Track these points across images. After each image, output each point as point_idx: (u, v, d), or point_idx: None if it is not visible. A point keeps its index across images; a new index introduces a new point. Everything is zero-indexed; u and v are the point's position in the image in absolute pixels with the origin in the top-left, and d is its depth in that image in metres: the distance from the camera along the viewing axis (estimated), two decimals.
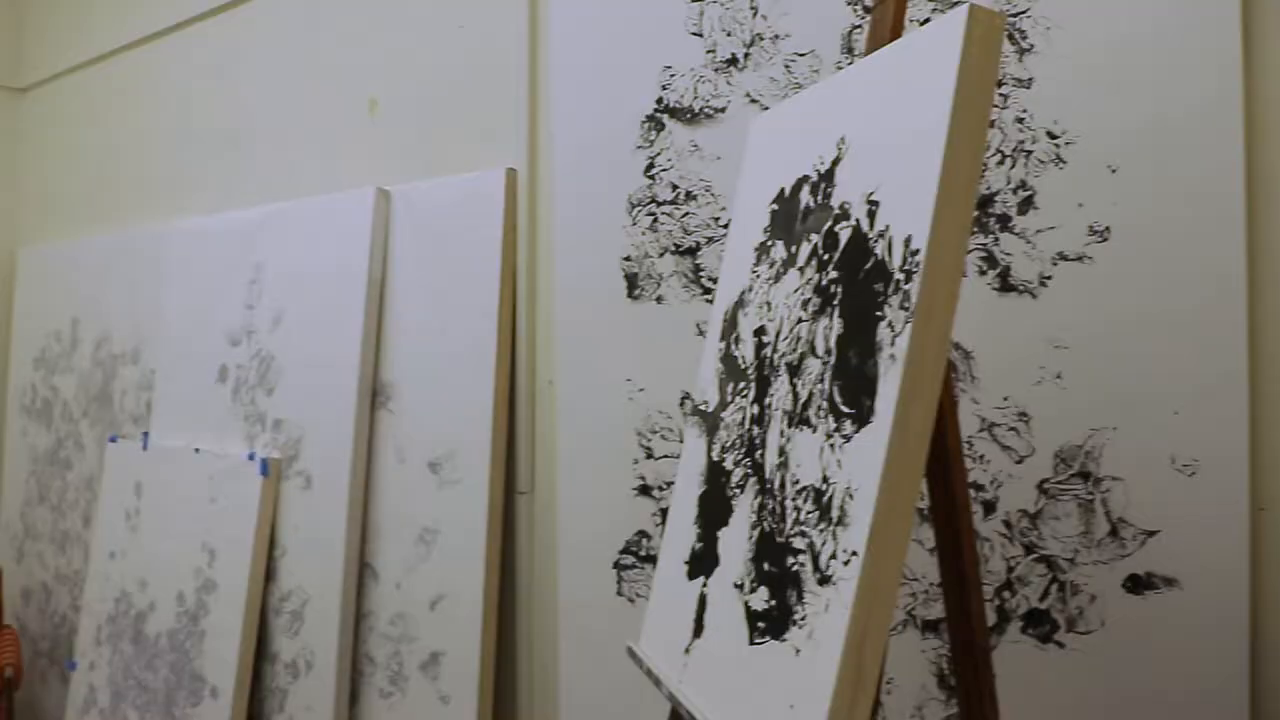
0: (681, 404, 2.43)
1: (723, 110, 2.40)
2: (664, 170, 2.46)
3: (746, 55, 2.37)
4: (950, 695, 2.15)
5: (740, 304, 1.81)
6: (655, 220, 2.47)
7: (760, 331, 1.70)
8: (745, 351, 1.75)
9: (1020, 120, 2.09)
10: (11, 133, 5.05)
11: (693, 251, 2.42)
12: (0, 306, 5.01)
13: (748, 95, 2.36)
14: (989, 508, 2.10)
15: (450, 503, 2.73)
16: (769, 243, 1.75)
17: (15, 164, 5.07)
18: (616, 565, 2.50)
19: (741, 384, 1.73)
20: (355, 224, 2.99)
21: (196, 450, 3.38)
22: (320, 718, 2.96)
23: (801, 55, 2.31)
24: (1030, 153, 2.08)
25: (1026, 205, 2.08)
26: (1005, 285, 2.09)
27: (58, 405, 4.45)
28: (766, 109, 2.32)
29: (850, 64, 2.20)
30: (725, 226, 2.39)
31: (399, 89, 3.09)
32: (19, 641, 4.30)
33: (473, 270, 2.74)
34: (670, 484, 2.44)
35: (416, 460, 2.82)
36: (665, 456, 2.45)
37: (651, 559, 2.46)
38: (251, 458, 3.14)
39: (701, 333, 2.40)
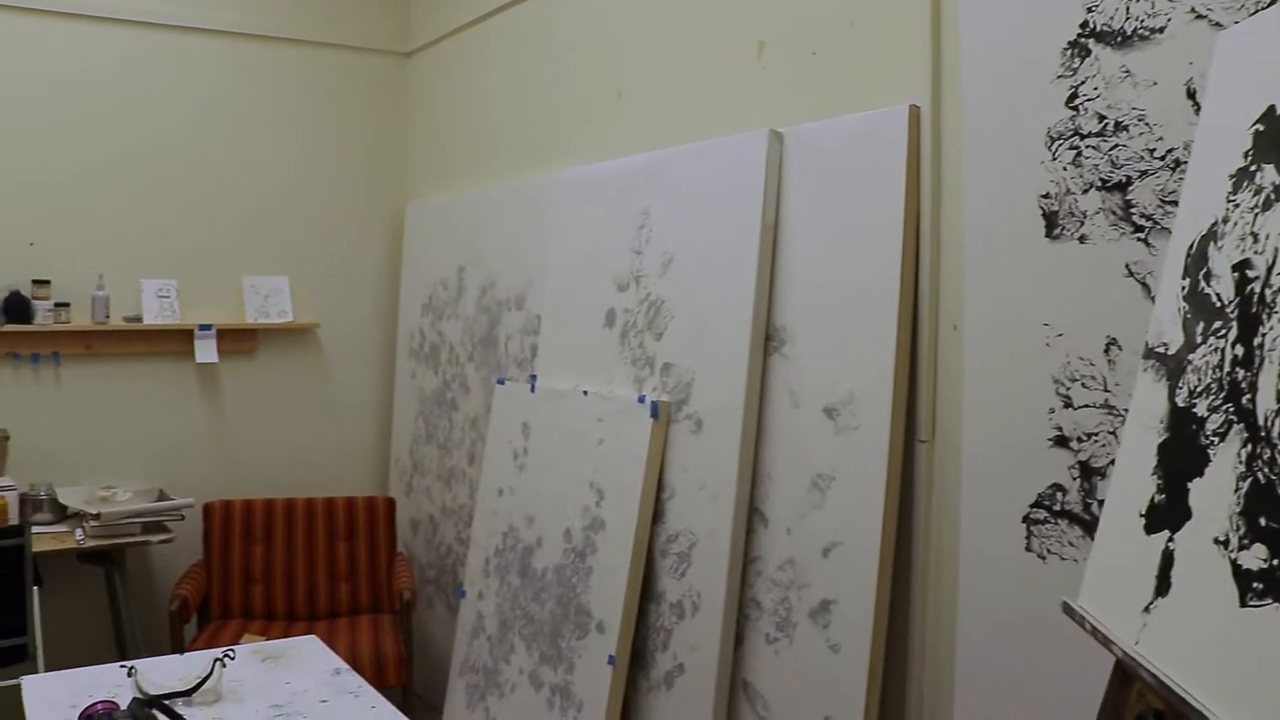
0: (1106, 350, 2.27)
1: (1160, 30, 2.20)
2: (1089, 100, 2.29)
3: None
4: None
5: (1211, 236, 1.65)
6: (1078, 154, 2.31)
7: (1244, 265, 1.54)
8: (1222, 288, 1.59)
9: None
10: (400, 95, 5.36)
11: (1122, 187, 2.25)
12: (390, 257, 5.35)
13: (1193, 11, 2.15)
14: None
15: (846, 449, 2.68)
16: (1252, 168, 1.58)
17: (404, 124, 5.37)
18: (1026, 520, 2.37)
19: (1217, 323, 1.58)
20: (747, 167, 2.96)
21: (585, 393, 3.47)
22: (705, 658, 2.98)
23: None
24: None
25: None
26: None
27: (444, 349, 4.70)
28: (1220, 26, 2.11)
29: None
30: (1162, 159, 2.20)
31: (789, 29, 3.04)
32: (411, 568, 4.60)
33: (872, 211, 2.66)
34: (1091, 435, 2.29)
35: (811, 405, 2.78)
36: (1087, 406, 2.29)
37: (1067, 514, 2.32)
38: (641, 400, 3.19)
39: (1132, 274, 2.22)
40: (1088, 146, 2.29)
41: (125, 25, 4.76)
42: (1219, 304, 1.58)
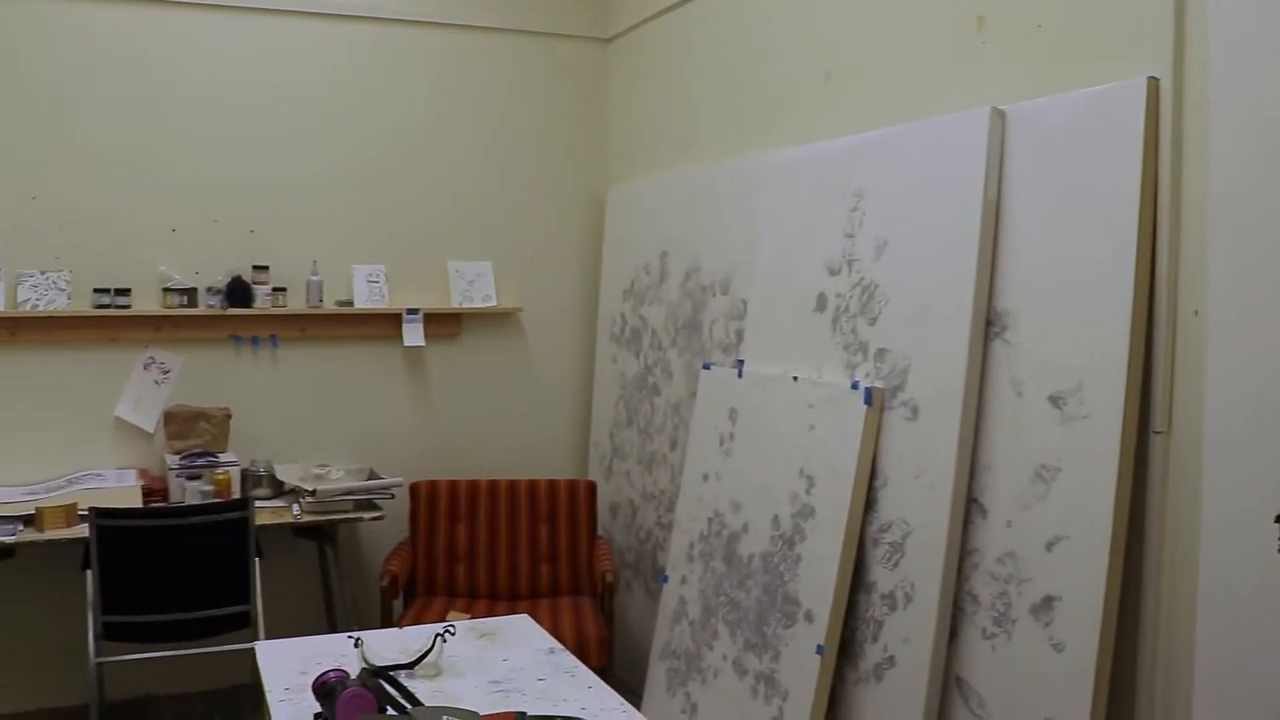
0: None
1: None
2: None
3: None
4: None
5: None
6: None
7: None
8: None
9: None
10: (600, 81, 5.40)
11: None
12: (591, 242, 5.39)
13: None
14: None
15: (1074, 439, 2.56)
16: None
17: (604, 110, 5.41)
18: None
19: None
20: (967, 146, 2.86)
21: (794, 378, 3.42)
22: (917, 652, 2.91)
23: None
24: None
25: None
26: None
27: (646, 334, 4.71)
28: None
29: None
30: None
31: (1011, 3, 2.92)
32: (612, 551, 4.63)
33: (1103, 190, 2.53)
34: None
35: (1035, 393, 2.67)
36: None
37: None
38: (855, 386, 3.13)
39: None
40: None
41: (339, 20, 4.92)
42: None
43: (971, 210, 2.82)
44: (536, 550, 4.70)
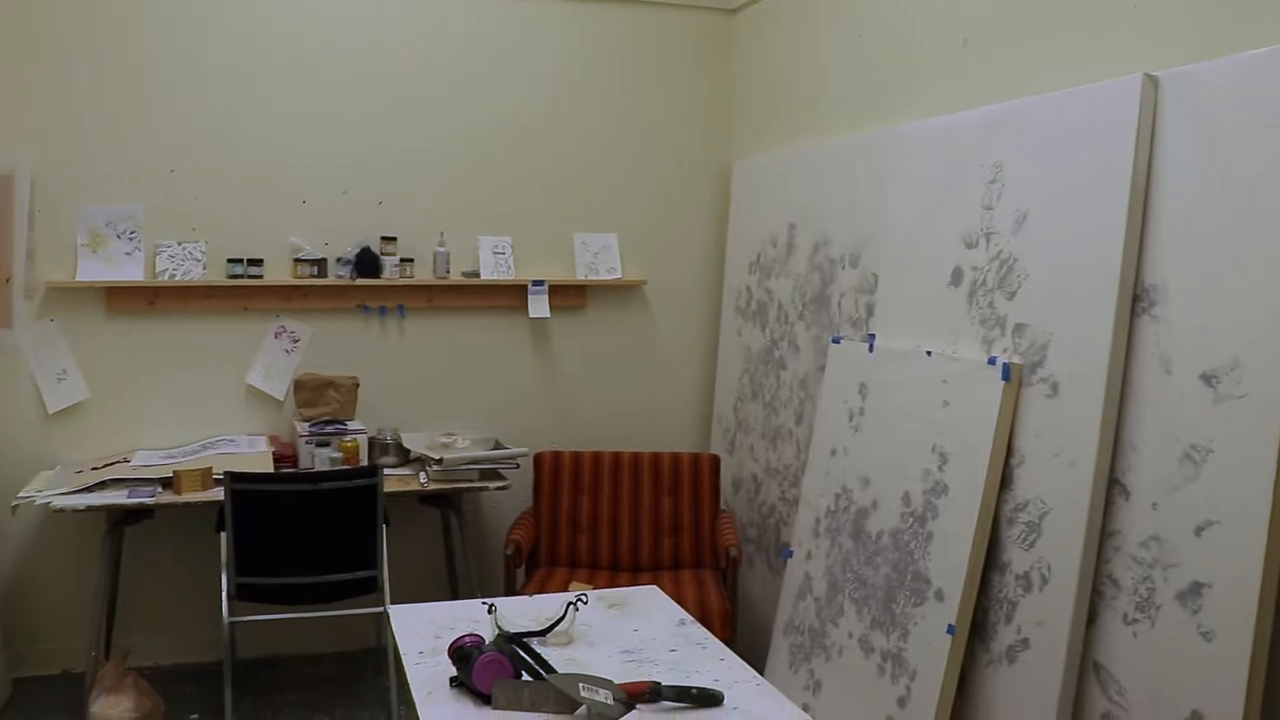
0: None
1: None
2: None
3: None
4: None
5: None
6: None
7: None
8: None
9: None
10: (725, 52, 5.34)
11: None
12: (716, 215, 5.35)
13: None
14: None
15: (1228, 419, 2.45)
16: None
17: (730, 82, 5.35)
18: None
19: None
20: (1118, 114, 2.75)
21: (928, 353, 3.35)
22: (1053, 635, 2.83)
23: None
24: None
25: None
26: None
27: (773, 307, 4.66)
28: None
29: None
30: None
31: None
32: (735, 525, 4.61)
33: (1267, 159, 2.41)
34: None
35: (1186, 371, 2.56)
36: None
37: None
38: (992, 362, 3.05)
39: None
40: None
41: None
42: None
43: (1120, 180, 2.72)
44: (659, 523, 4.70)
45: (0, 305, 4.49)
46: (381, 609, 4.21)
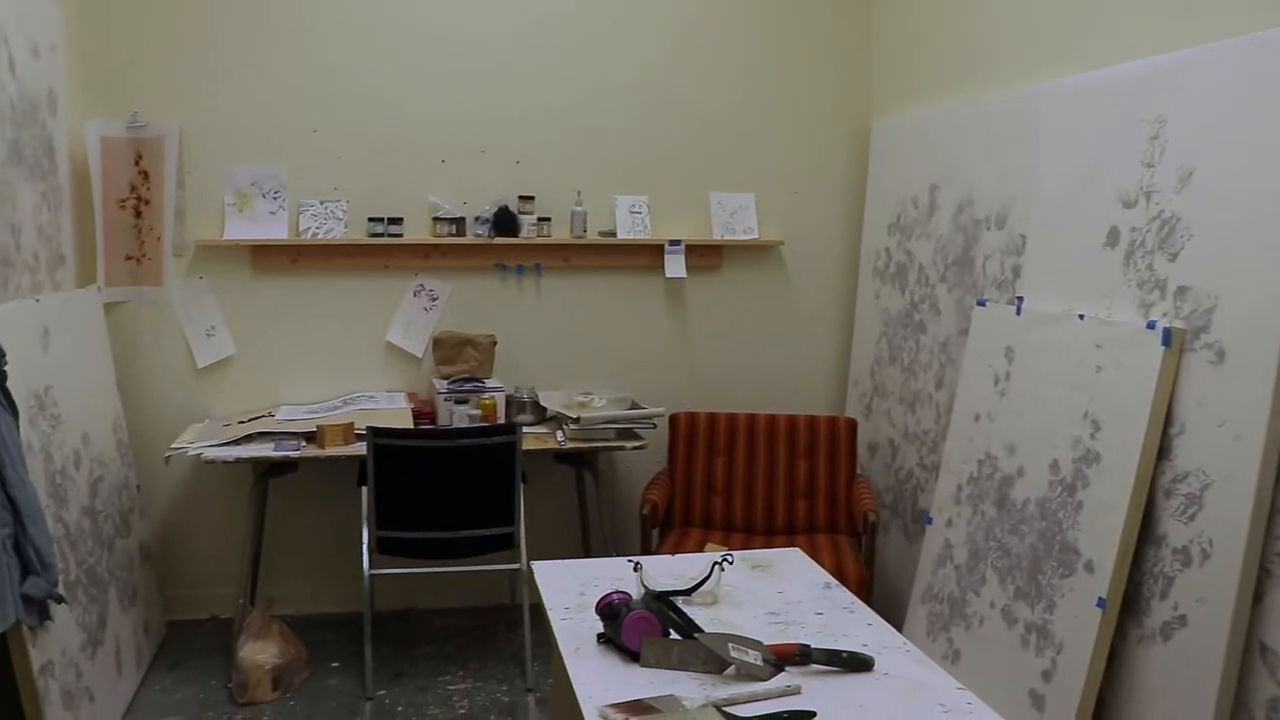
0: None
1: None
2: None
3: None
4: None
5: None
6: None
7: None
8: None
9: None
10: (864, 12, 5.22)
11: None
12: (854, 175, 5.26)
13: None
14: None
15: None
16: None
17: (868, 40, 5.23)
18: None
19: None
20: None
21: (1080, 316, 3.24)
22: (1214, 613, 2.71)
23: None
24: None
25: None
26: None
27: (913, 269, 4.56)
28: None
29: None
30: None
31: None
32: (871, 490, 4.55)
33: None
34: None
35: None
36: None
37: None
38: (1151, 326, 2.94)
39: None
40: None
41: None
42: None
43: None
44: (794, 486, 4.66)
45: (152, 263, 4.62)
46: (517, 565, 4.26)
